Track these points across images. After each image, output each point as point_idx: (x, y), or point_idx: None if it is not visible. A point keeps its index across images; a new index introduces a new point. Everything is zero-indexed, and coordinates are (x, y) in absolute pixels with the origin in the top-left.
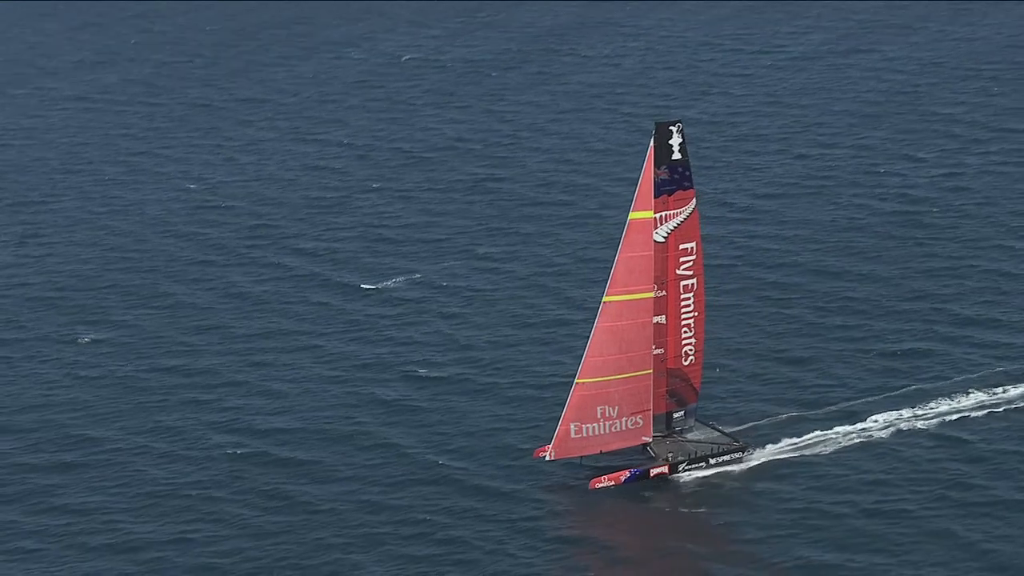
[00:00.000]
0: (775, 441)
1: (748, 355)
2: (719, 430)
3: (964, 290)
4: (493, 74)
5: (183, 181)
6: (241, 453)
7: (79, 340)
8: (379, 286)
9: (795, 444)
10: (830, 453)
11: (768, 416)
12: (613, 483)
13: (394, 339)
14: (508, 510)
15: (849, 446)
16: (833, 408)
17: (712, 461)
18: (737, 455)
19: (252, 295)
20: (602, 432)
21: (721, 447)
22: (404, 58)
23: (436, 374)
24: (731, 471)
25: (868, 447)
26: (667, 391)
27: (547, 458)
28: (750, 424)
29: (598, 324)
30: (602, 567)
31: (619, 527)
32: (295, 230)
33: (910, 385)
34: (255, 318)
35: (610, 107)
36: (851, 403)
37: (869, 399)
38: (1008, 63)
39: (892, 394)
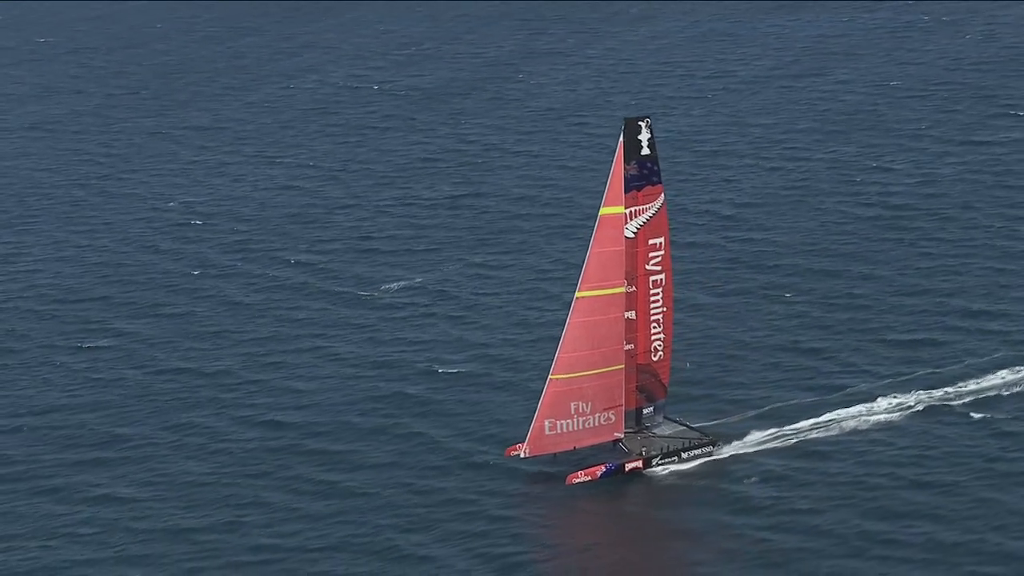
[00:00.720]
0: (802, 420)
1: (762, 347)
2: (686, 425)
3: (964, 285)
4: (449, 100)
5: (157, 201)
6: (277, 445)
7: (86, 345)
8: (380, 290)
9: (824, 424)
10: (864, 431)
11: (794, 399)
12: (589, 478)
13: (405, 339)
14: (555, 488)
15: (880, 425)
16: (858, 390)
17: (684, 455)
18: (707, 449)
19: (252, 304)
20: (575, 428)
21: (692, 441)
22: (354, 87)
23: (455, 370)
24: (770, 448)
25: (900, 426)
26: (637, 387)
27: (521, 455)
28: (776, 405)
29: (571, 320)
30: (662, 538)
31: (672, 504)
32: (280, 244)
33: (930, 370)
34: (260, 324)
35: (572, 128)
36: (874, 386)
37: (891, 381)
38: (957, 84)
39: (912, 377)
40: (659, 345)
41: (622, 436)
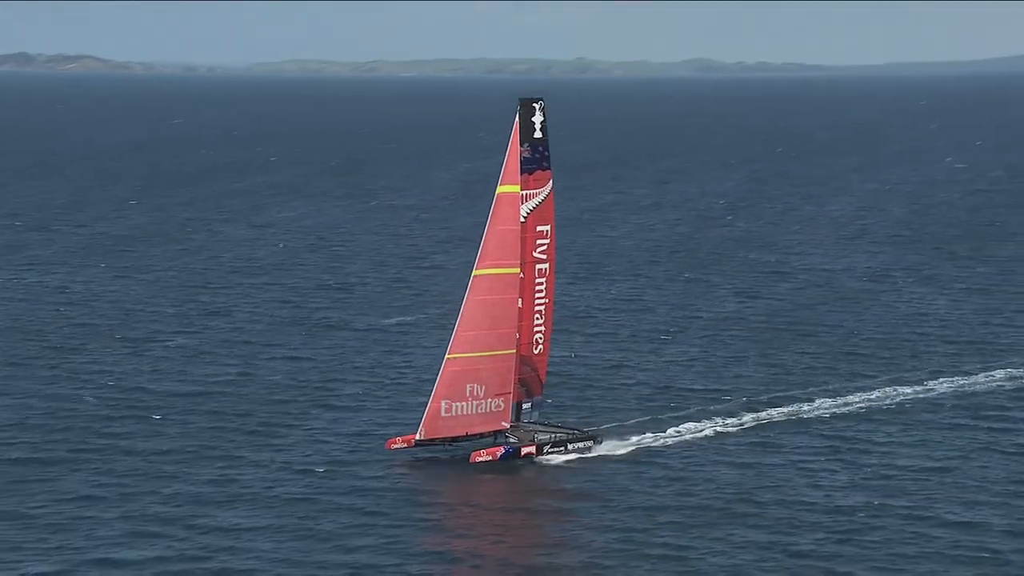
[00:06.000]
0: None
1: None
2: (558, 426)
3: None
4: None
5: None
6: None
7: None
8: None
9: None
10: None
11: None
12: (491, 458)
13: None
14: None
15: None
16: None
17: (570, 447)
18: (589, 443)
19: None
20: (469, 412)
21: (576, 434)
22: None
23: None
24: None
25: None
26: (519, 379)
27: (417, 438)
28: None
29: (469, 297)
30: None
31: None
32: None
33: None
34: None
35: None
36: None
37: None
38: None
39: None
40: (539, 338)
41: (508, 427)
